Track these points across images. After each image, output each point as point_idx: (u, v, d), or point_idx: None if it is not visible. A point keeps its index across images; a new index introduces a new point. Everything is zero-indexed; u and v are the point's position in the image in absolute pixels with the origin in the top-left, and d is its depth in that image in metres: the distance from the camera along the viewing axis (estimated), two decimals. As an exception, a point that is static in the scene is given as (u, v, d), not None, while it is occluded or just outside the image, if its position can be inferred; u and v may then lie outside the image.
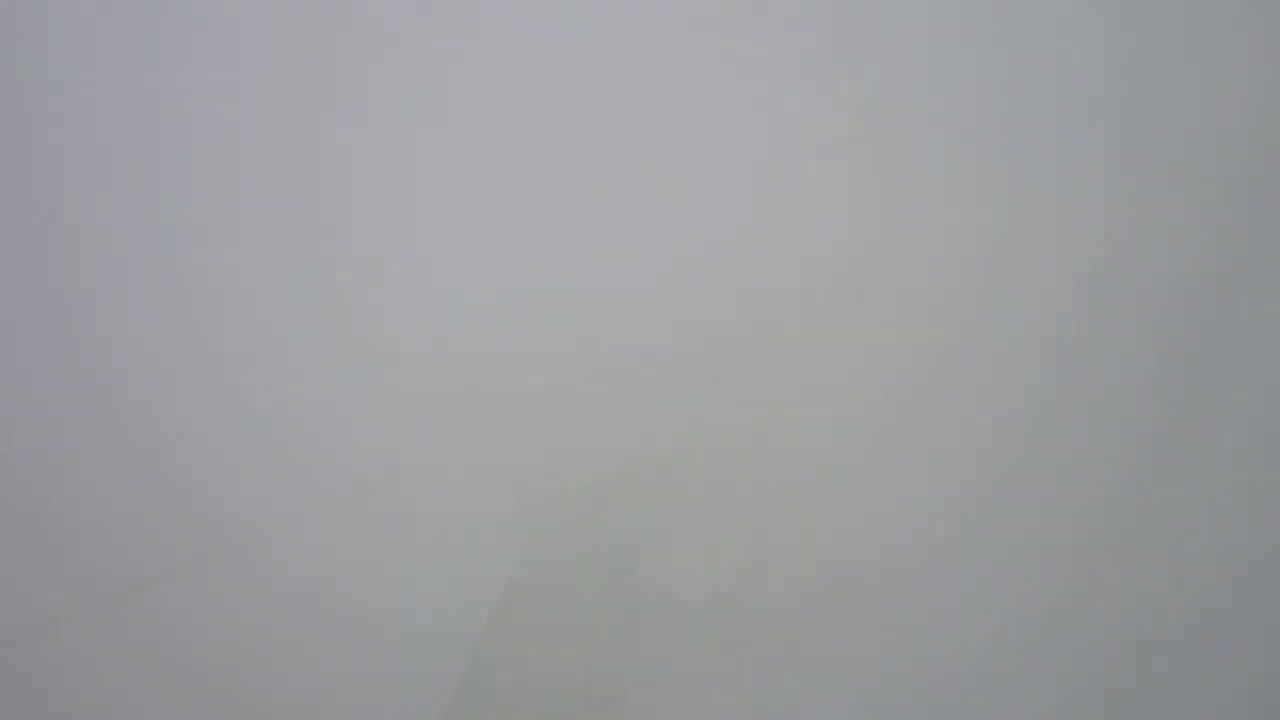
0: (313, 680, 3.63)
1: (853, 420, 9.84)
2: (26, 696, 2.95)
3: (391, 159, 16.57)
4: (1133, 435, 10.52)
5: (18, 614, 3.60)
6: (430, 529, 5.10)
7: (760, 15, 18.67)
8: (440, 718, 3.58)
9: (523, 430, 7.18)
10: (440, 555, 4.88)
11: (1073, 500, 9.26)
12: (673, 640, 5.45)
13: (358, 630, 4.16)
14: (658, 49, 18.95)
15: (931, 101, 17.76)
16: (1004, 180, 16.22)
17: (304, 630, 4.05)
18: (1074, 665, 6.77)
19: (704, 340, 11.91)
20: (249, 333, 9.66)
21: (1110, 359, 12.26)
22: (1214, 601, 7.42)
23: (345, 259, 12.59)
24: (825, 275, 14.53)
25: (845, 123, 17.85)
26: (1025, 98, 17.64)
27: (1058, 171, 16.20)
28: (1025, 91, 17.69)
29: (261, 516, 4.84)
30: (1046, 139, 17.08)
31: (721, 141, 17.80)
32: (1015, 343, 13.13)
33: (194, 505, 5.01)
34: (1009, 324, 13.45)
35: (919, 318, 13.65)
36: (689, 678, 5.23)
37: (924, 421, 10.61)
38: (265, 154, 15.07)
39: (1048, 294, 13.91)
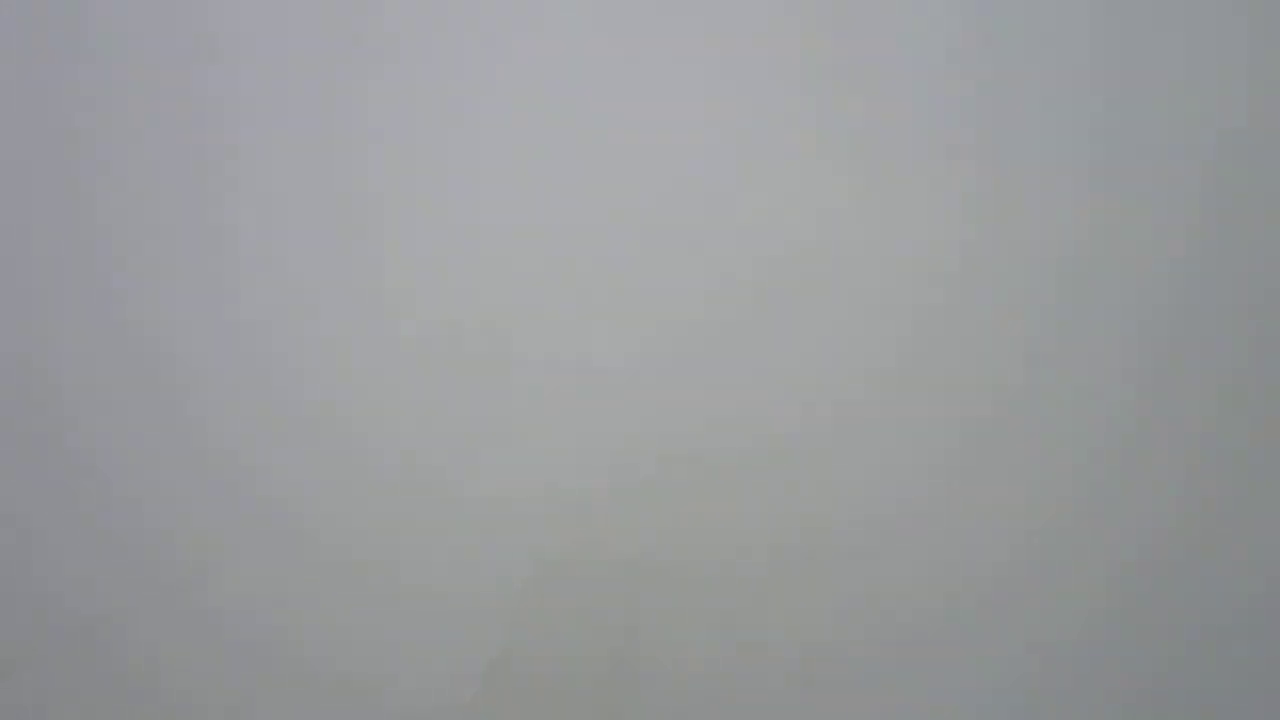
0: (359, 652, 3.67)
1: (821, 389, 10.49)
2: (91, 682, 3.04)
3: (427, 156, 16.68)
4: (1101, 421, 10.87)
5: (80, 606, 3.67)
6: (464, 516, 5.09)
7: (750, 28, 18.93)
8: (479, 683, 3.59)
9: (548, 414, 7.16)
10: (475, 537, 4.87)
11: (1028, 484, 9.57)
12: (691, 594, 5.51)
13: (400, 605, 4.19)
14: (665, 66, 19.29)
15: (906, 110, 18.37)
16: (972, 179, 17.01)
17: (351, 606, 4.10)
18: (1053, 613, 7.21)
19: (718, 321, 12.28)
20: (297, 325, 9.70)
21: (1080, 348, 12.54)
22: (1176, 577, 7.89)
23: (398, 255, 12.63)
24: (796, 260, 15.16)
25: (821, 127, 18.41)
26: (1002, 106, 18.14)
27: (1027, 172, 17.23)
28: (1002, 100, 18.18)
29: (324, 498, 4.85)
30: (1019, 146, 17.74)
31: (712, 144, 18.27)
32: (978, 316, 13.97)
33: (249, 494, 5.05)
34: (972, 299, 14.26)
35: (878, 293, 14.43)
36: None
37: (887, 393, 11.07)
38: (316, 156, 15.23)
39: (1007, 275, 14.83)
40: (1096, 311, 13.31)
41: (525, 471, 6.02)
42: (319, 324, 9.47)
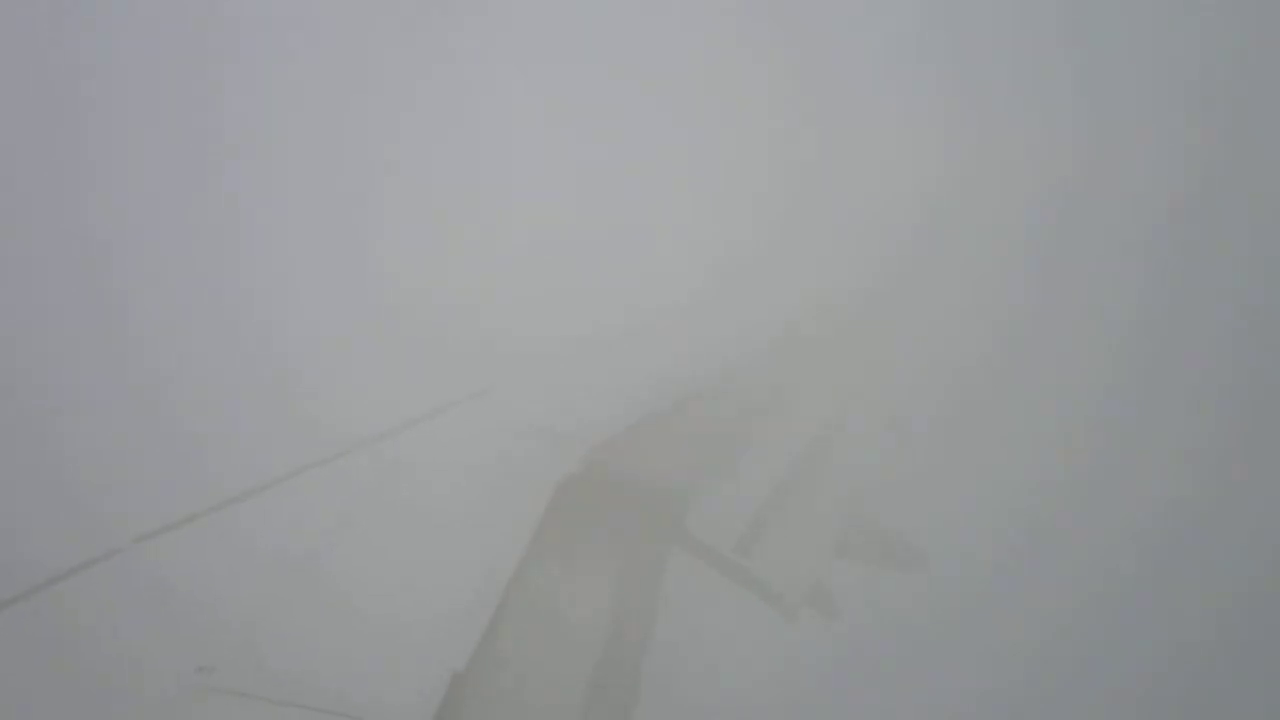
0: (315, 646, 3.44)
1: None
2: (31, 651, 2.80)
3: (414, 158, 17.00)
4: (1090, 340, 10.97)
5: (20, 569, 3.45)
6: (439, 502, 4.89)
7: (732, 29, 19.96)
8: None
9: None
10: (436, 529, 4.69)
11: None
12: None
13: (358, 606, 3.97)
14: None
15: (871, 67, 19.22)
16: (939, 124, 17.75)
17: (305, 594, 3.89)
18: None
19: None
20: (280, 294, 9.59)
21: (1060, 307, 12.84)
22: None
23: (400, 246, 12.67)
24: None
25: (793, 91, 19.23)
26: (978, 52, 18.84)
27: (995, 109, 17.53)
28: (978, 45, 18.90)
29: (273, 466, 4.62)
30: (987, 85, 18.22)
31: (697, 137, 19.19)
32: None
33: (204, 459, 4.81)
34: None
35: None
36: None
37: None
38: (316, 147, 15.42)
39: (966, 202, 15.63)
40: (1074, 259, 13.48)
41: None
42: (309, 309, 9.39)
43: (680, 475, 5.59)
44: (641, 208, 16.20)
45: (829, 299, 11.50)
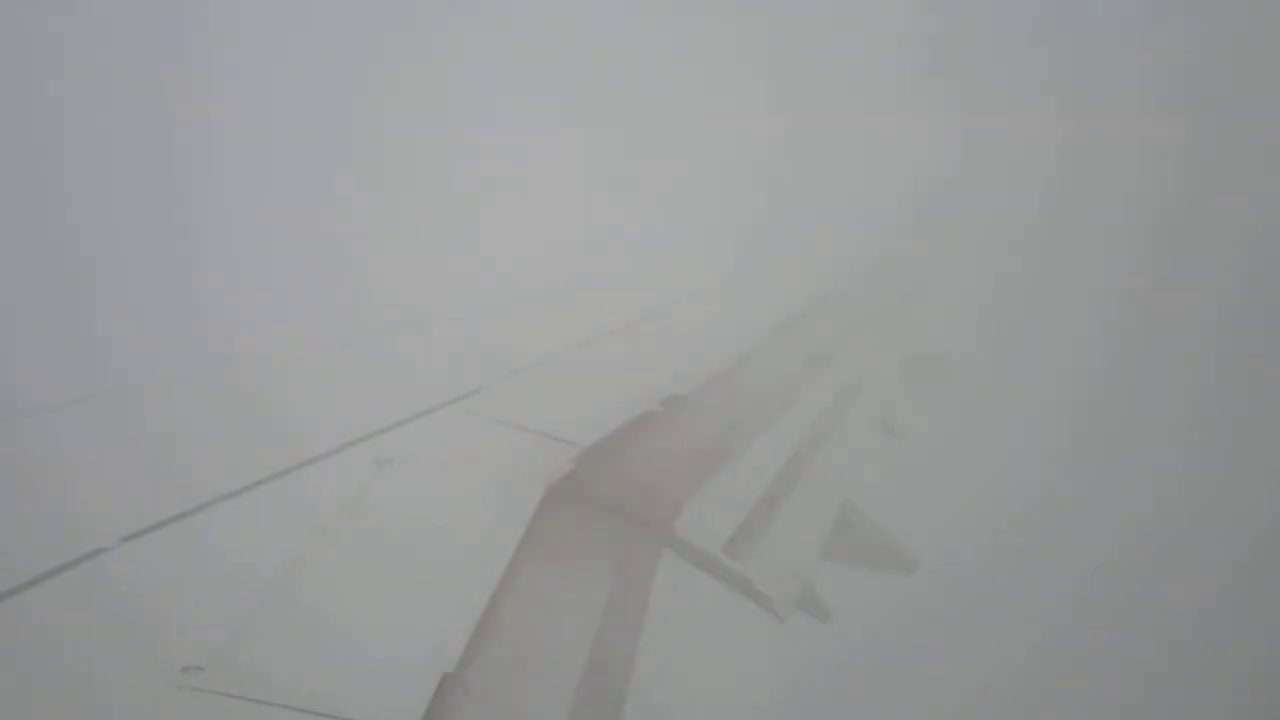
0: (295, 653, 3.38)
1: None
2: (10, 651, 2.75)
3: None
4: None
5: None
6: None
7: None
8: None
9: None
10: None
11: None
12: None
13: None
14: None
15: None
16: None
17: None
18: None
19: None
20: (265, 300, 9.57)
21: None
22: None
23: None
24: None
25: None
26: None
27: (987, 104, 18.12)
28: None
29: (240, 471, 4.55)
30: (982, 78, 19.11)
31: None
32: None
33: (184, 460, 4.73)
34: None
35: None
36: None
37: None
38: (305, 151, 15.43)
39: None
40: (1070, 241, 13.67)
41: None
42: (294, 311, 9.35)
43: (672, 476, 5.57)
44: (638, 206, 16.22)
45: (825, 296, 11.51)
